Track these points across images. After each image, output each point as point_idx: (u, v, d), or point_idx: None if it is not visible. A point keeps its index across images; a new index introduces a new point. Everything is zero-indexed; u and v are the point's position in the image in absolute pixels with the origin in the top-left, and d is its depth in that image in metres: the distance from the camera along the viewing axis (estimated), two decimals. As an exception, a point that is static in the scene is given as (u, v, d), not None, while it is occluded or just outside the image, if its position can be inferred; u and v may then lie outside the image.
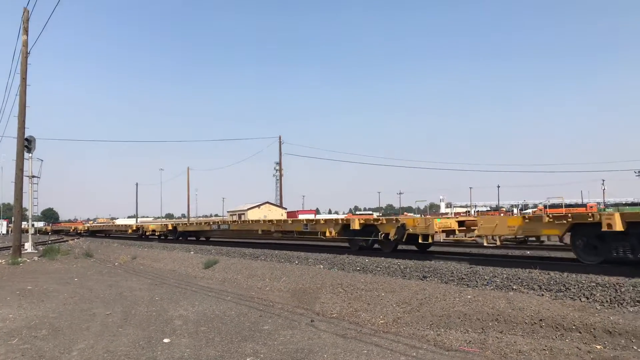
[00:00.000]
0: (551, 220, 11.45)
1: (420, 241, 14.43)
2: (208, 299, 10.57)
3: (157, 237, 35.76)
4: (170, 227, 33.32)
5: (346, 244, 18.39)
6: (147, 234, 36.65)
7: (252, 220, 24.96)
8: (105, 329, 7.92)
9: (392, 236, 14.86)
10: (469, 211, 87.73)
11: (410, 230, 14.40)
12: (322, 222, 19.16)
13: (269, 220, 22.65)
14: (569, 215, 11.31)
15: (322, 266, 13.58)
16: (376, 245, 16.33)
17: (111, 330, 7.77)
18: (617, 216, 9.98)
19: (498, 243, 13.17)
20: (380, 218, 15.24)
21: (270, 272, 13.51)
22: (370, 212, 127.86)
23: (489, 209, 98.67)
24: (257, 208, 52.16)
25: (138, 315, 8.95)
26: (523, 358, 5.81)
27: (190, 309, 9.47)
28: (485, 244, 13.50)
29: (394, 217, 15.92)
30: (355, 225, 16.27)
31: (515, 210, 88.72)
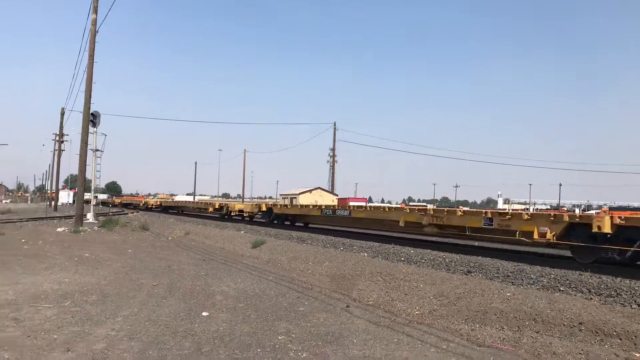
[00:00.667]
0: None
1: None
2: (250, 277, 10.84)
3: (243, 218, 32.05)
4: (264, 208, 28.72)
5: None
6: (232, 214, 32.53)
7: (386, 208, 19.04)
8: (150, 298, 8.29)
9: None
10: (527, 208, 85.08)
11: None
12: (525, 217, 12.53)
13: (421, 209, 16.76)
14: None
15: (366, 254, 13.61)
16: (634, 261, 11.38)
17: (155, 301, 8.13)
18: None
19: None
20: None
21: (314, 256, 13.66)
22: (425, 204, 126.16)
23: (548, 207, 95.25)
24: (308, 193, 52.52)
25: (182, 288, 9.30)
26: (557, 360, 5.66)
27: (232, 286, 9.75)
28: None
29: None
30: (605, 227, 10.44)
31: (577, 211, 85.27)
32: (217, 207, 35.09)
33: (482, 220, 13.62)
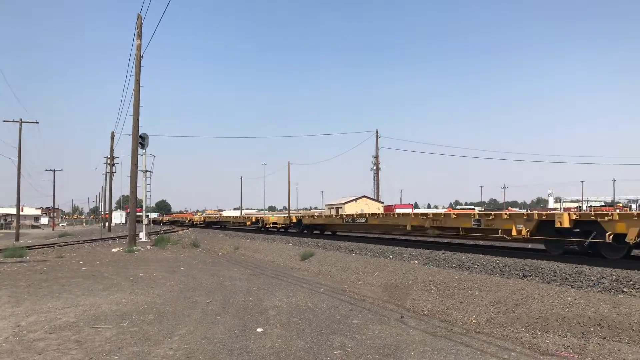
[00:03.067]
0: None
1: None
2: (302, 291, 10.84)
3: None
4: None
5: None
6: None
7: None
8: (204, 316, 8.39)
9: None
10: (580, 206, 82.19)
11: None
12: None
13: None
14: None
15: (416, 262, 13.41)
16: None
17: (210, 318, 8.22)
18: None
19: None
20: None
21: (364, 266, 13.56)
22: (472, 207, 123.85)
23: (602, 204, 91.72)
24: (354, 202, 52.43)
25: (235, 305, 9.38)
26: (628, 367, 5.38)
27: (285, 300, 9.77)
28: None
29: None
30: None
31: (633, 206, 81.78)
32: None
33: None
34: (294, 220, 31.17)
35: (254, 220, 38.24)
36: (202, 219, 58.71)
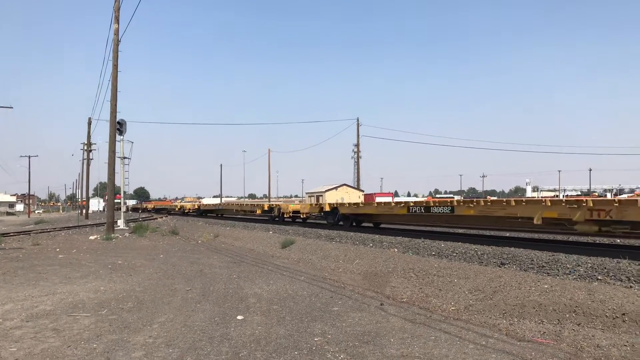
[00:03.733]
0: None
1: None
2: (282, 279, 10.85)
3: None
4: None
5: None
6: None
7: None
8: (184, 304, 8.35)
9: None
10: (557, 195, 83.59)
11: None
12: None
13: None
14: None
15: (396, 250, 13.51)
16: None
17: (190, 306, 8.18)
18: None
19: None
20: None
21: (344, 254, 13.62)
22: (452, 195, 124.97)
23: (579, 193, 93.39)
24: (334, 190, 52.49)
25: (215, 292, 9.35)
26: (601, 353, 5.50)
27: (265, 288, 9.77)
28: None
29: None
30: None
31: (608, 195, 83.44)
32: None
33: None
34: (327, 209, 24.47)
35: (266, 208, 31.37)
36: (196, 207, 52.12)
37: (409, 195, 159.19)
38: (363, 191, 57.57)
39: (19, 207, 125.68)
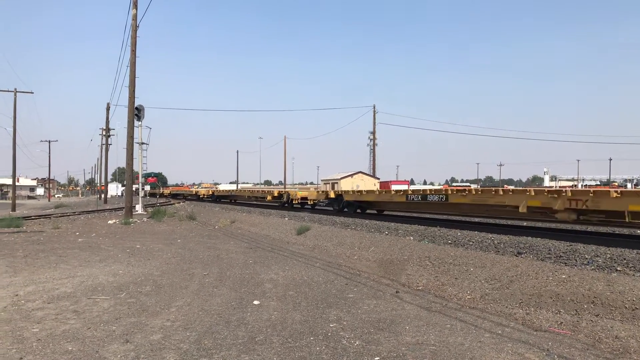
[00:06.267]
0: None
1: None
2: (298, 265, 10.91)
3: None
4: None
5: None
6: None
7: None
8: (201, 288, 8.45)
9: None
10: (575, 185, 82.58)
11: None
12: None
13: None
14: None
15: (412, 238, 13.48)
16: None
17: (207, 290, 8.28)
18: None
19: None
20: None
21: (360, 241, 13.63)
22: (468, 184, 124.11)
23: (598, 183, 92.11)
24: (349, 177, 52.32)
25: (232, 277, 9.44)
26: (619, 344, 5.45)
27: (281, 273, 9.84)
28: None
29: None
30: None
31: (629, 185, 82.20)
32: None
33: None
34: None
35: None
36: (210, 192, 53.69)
37: (425, 183, 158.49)
38: (379, 179, 57.36)
39: (40, 191, 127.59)
